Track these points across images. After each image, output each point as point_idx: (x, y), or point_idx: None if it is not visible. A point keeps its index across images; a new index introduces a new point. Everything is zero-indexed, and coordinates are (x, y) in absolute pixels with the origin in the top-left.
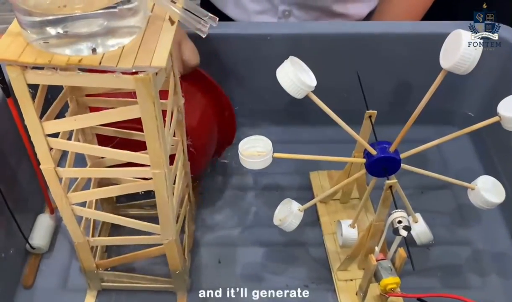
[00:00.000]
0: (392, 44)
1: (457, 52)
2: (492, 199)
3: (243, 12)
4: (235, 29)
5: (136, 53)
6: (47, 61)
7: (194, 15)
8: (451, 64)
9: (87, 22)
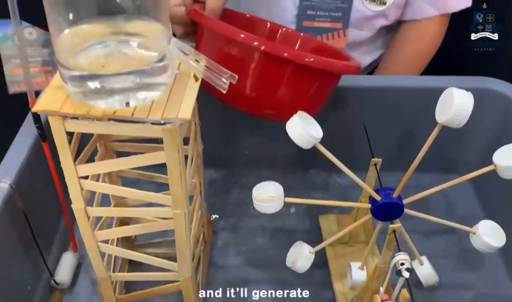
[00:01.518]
0: (396, 96)
1: (450, 108)
2: (493, 243)
3: None
4: None
5: (165, 106)
6: (85, 113)
7: (216, 73)
8: (445, 119)
9: (122, 78)
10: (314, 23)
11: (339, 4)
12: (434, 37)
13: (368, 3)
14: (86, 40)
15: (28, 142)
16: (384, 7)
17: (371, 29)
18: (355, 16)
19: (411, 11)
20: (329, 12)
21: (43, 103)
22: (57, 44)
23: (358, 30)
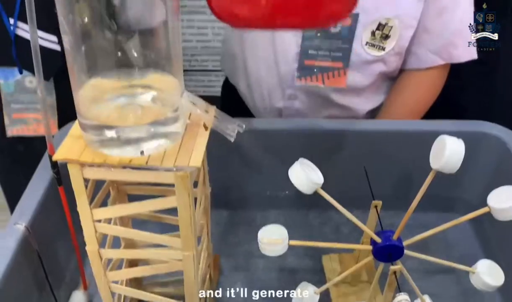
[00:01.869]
0: (395, 140)
1: (443, 156)
2: (492, 282)
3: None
4: (256, 125)
5: (177, 155)
6: (102, 161)
7: (225, 122)
8: (439, 166)
9: (137, 129)
10: (315, 62)
11: (339, 45)
12: (435, 85)
13: (367, 48)
14: (104, 93)
15: (43, 185)
16: (383, 52)
17: (370, 74)
18: (354, 59)
19: (416, 60)
20: (330, 52)
21: (63, 152)
22: (77, 97)
23: (358, 74)
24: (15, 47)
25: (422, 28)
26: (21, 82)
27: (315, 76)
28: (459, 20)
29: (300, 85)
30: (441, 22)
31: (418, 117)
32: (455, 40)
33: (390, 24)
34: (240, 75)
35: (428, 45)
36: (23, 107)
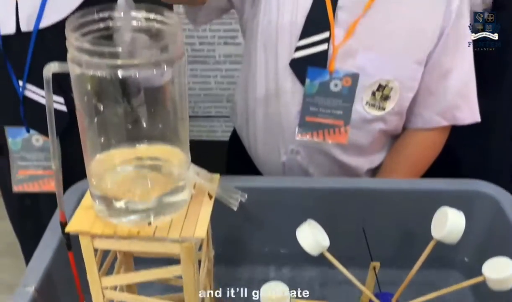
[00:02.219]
0: (393, 198)
1: (444, 228)
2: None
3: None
4: (259, 182)
5: (182, 225)
6: (112, 232)
7: (228, 192)
8: (440, 236)
9: (145, 200)
10: (316, 119)
11: (340, 103)
12: (437, 144)
13: (367, 107)
14: (114, 164)
15: (52, 248)
16: (383, 112)
17: (370, 132)
18: (355, 117)
19: (421, 120)
20: (330, 110)
21: (75, 224)
22: (89, 169)
23: (358, 132)
24: (23, 108)
25: (426, 90)
26: (28, 141)
27: (316, 133)
28: (462, 83)
29: (301, 141)
30: (445, 85)
31: (418, 175)
32: (459, 103)
33: (390, 85)
34: (246, 128)
35: (433, 107)
36: (29, 164)
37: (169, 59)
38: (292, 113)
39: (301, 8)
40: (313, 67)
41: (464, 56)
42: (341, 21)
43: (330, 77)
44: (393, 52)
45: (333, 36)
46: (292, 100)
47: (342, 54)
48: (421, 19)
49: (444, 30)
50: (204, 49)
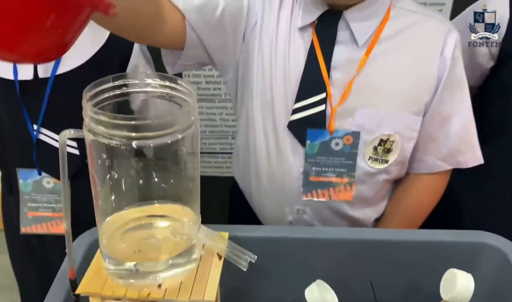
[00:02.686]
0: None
1: (454, 290)
2: None
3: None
4: (265, 232)
5: (192, 288)
6: (122, 295)
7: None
8: (449, 298)
9: (156, 263)
10: (320, 178)
11: (343, 161)
12: (439, 188)
13: (370, 162)
14: (125, 224)
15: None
16: (386, 165)
17: (374, 184)
18: (359, 173)
19: (424, 166)
20: (334, 168)
21: (86, 285)
22: (101, 229)
23: (363, 186)
24: (36, 151)
25: (427, 137)
26: (39, 183)
27: (321, 192)
28: (462, 127)
29: (306, 201)
30: (446, 131)
31: (419, 223)
32: (461, 147)
33: (391, 139)
34: (249, 188)
35: (435, 152)
36: (39, 206)
37: (182, 128)
38: (295, 174)
39: (293, 70)
40: (312, 129)
41: (462, 101)
42: (336, 81)
43: (331, 137)
44: (391, 107)
45: (330, 97)
46: (293, 161)
47: (340, 113)
48: (416, 72)
49: (441, 79)
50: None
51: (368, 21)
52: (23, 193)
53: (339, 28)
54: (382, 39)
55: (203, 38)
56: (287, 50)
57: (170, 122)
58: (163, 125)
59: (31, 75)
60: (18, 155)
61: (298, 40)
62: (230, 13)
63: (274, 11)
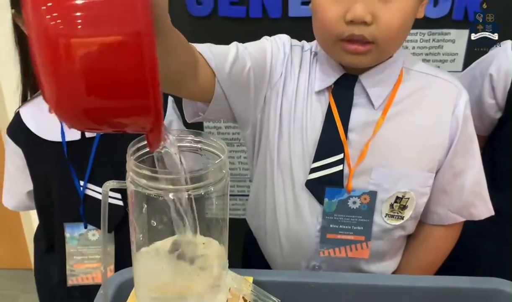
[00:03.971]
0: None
1: None
2: None
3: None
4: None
5: None
6: None
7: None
8: None
9: None
10: (337, 236)
11: (360, 219)
12: (452, 238)
13: (387, 219)
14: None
15: None
16: (402, 221)
17: (391, 239)
18: (376, 229)
19: (438, 218)
20: (351, 226)
21: None
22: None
23: (379, 242)
24: (83, 206)
25: (440, 190)
26: (85, 236)
27: (338, 249)
28: (474, 181)
29: (323, 257)
30: (459, 185)
31: (436, 266)
32: (473, 201)
33: (407, 196)
34: (266, 240)
35: (448, 205)
36: (84, 258)
37: (214, 181)
38: (312, 231)
39: (311, 131)
40: (330, 187)
41: (474, 156)
42: (353, 142)
43: (348, 196)
44: (406, 166)
45: (347, 158)
46: (311, 218)
47: (357, 173)
48: (430, 132)
49: (454, 138)
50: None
51: (383, 84)
52: (69, 246)
53: (355, 92)
54: (396, 101)
55: (229, 96)
56: (305, 111)
57: (204, 176)
58: (197, 179)
59: (79, 136)
60: (65, 211)
61: (316, 102)
62: (255, 73)
63: (294, 73)
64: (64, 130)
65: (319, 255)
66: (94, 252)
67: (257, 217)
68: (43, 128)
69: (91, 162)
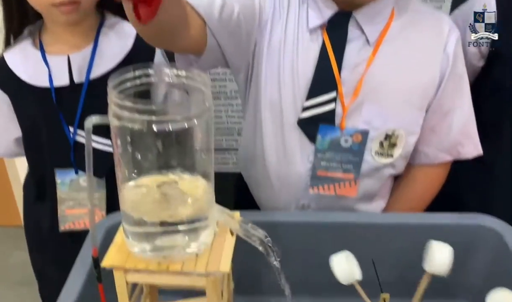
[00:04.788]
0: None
1: (433, 261)
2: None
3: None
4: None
5: (207, 260)
6: (144, 267)
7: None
8: (429, 269)
9: (172, 238)
10: (327, 173)
11: (350, 158)
12: (440, 178)
13: (376, 157)
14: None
15: (80, 281)
16: (391, 159)
17: (380, 178)
18: (365, 167)
19: (426, 158)
20: (341, 164)
21: (110, 259)
22: (122, 199)
23: (369, 180)
24: (73, 152)
25: (429, 129)
26: (76, 182)
27: (327, 186)
28: (463, 120)
29: (313, 195)
30: (447, 124)
31: (423, 207)
32: (461, 140)
33: (396, 134)
34: (258, 184)
35: (437, 145)
36: (76, 203)
37: (197, 113)
38: (302, 171)
39: (302, 70)
40: (324, 124)
41: (463, 95)
42: (346, 80)
43: (341, 134)
44: (396, 104)
45: (341, 96)
46: (301, 157)
47: (350, 111)
48: (420, 69)
49: (444, 75)
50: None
51: (376, 21)
52: (61, 192)
53: (350, 29)
54: (388, 38)
55: (221, 43)
56: (295, 50)
57: (187, 108)
58: (180, 111)
59: (68, 81)
60: (55, 157)
61: (307, 40)
62: (245, 17)
63: (283, 13)
64: (52, 77)
65: (308, 193)
66: (85, 197)
67: (249, 162)
68: (30, 74)
69: (80, 107)
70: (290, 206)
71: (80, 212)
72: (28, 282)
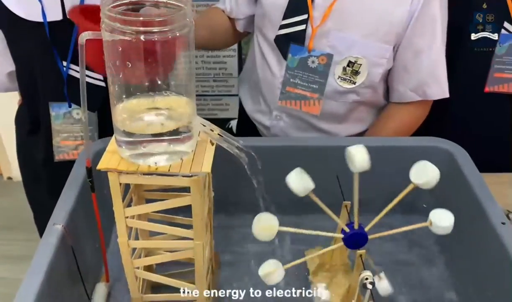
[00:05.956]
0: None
1: (425, 176)
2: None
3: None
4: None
5: (191, 164)
6: (135, 169)
7: (227, 140)
8: (420, 182)
9: (160, 145)
10: (295, 90)
11: (316, 79)
12: (416, 117)
13: (339, 81)
14: (134, 112)
15: (75, 191)
16: (353, 85)
17: (344, 102)
18: (329, 89)
19: (398, 95)
20: (308, 83)
21: (104, 163)
22: (115, 114)
23: (333, 102)
24: (66, 86)
25: (402, 67)
26: (69, 115)
27: (294, 102)
28: (432, 62)
29: (281, 107)
30: (417, 63)
31: None
32: (428, 80)
33: (359, 62)
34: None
35: (407, 83)
36: (70, 135)
37: (180, 26)
38: (276, 84)
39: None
40: (294, 44)
41: (434, 38)
42: (318, 5)
43: (309, 55)
44: (362, 33)
45: (311, 18)
46: (277, 72)
47: (318, 34)
48: (390, 4)
49: (413, 14)
50: None
51: None
52: (55, 124)
53: None
54: None
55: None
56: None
57: (170, 20)
58: (164, 22)
59: (60, 16)
60: (49, 90)
61: None
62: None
63: None
64: (45, 11)
65: (278, 105)
66: (79, 129)
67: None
68: (23, 8)
69: (73, 42)
70: (266, 115)
71: (74, 143)
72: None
